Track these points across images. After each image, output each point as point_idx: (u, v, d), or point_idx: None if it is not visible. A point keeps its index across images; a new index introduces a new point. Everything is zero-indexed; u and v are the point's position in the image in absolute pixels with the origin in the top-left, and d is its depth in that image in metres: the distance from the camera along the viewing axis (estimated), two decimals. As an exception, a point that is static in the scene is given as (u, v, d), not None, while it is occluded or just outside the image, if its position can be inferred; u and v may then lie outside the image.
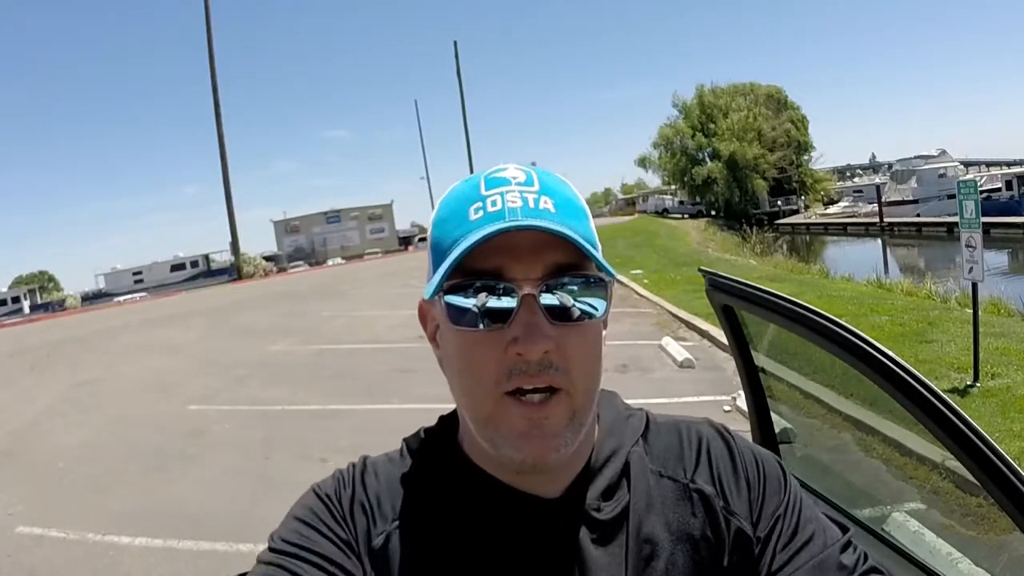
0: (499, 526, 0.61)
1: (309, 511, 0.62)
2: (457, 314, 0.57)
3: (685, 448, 0.67)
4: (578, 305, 0.57)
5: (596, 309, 0.58)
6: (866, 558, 0.65)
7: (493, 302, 0.56)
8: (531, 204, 0.56)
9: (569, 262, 0.56)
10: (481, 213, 0.56)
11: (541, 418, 0.56)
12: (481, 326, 0.56)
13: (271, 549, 0.61)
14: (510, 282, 0.55)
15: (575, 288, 0.57)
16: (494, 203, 0.56)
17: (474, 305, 0.56)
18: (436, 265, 0.58)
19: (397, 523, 0.61)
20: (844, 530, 0.66)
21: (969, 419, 0.84)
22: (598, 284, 0.58)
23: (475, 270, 0.55)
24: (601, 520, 0.62)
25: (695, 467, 0.66)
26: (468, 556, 0.60)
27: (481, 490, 0.62)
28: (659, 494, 0.64)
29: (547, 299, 0.56)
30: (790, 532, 0.63)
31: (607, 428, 0.67)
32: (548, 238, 0.55)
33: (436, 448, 0.66)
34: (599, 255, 0.57)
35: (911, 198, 33.96)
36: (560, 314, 0.56)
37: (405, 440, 0.69)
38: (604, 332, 0.62)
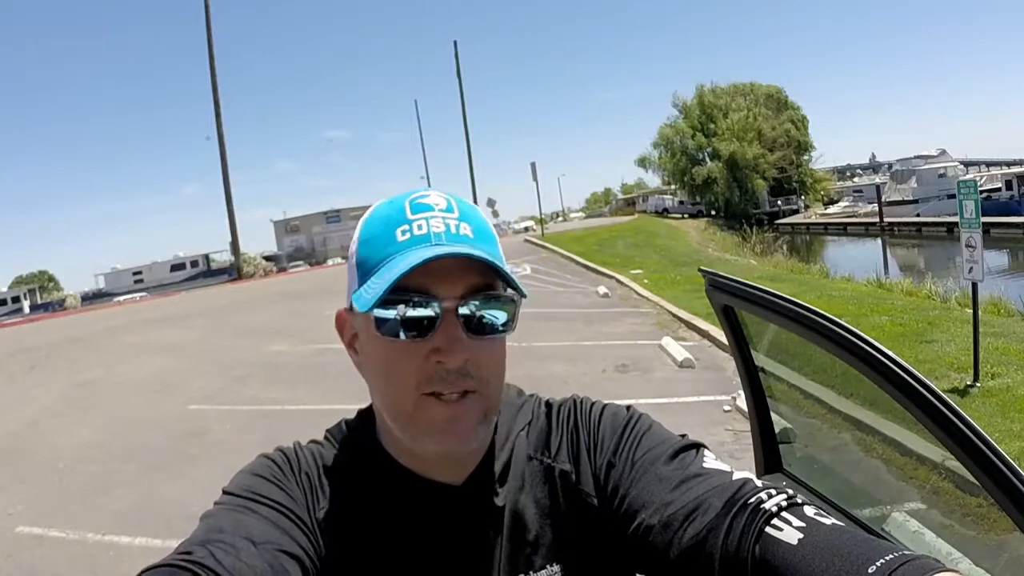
0: (412, 511, 0.68)
1: (265, 468, 0.68)
2: (386, 327, 0.63)
3: (553, 430, 0.75)
4: (490, 320, 0.64)
5: (506, 322, 0.65)
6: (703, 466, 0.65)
7: (417, 315, 0.62)
8: (452, 229, 0.63)
9: (484, 282, 0.64)
10: (408, 235, 0.62)
11: (458, 414, 0.63)
12: (406, 337, 0.62)
13: (228, 493, 0.65)
14: (435, 299, 0.62)
15: (488, 305, 0.64)
16: (420, 227, 0.63)
17: (398, 317, 0.62)
18: (362, 280, 0.64)
19: (334, 502, 0.68)
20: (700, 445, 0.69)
21: (969, 419, 0.85)
22: (507, 301, 0.65)
23: (404, 287, 0.61)
24: (497, 504, 0.70)
25: (558, 447, 0.73)
26: (389, 537, 0.67)
27: (396, 479, 0.69)
28: (530, 475, 0.72)
29: (465, 314, 0.63)
30: (632, 453, 0.69)
31: (503, 419, 0.74)
32: (467, 261, 0.62)
33: (357, 440, 0.73)
34: (512, 276, 0.64)
35: (911, 198, 33.98)
36: (476, 328, 0.63)
37: (329, 431, 0.76)
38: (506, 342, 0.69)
